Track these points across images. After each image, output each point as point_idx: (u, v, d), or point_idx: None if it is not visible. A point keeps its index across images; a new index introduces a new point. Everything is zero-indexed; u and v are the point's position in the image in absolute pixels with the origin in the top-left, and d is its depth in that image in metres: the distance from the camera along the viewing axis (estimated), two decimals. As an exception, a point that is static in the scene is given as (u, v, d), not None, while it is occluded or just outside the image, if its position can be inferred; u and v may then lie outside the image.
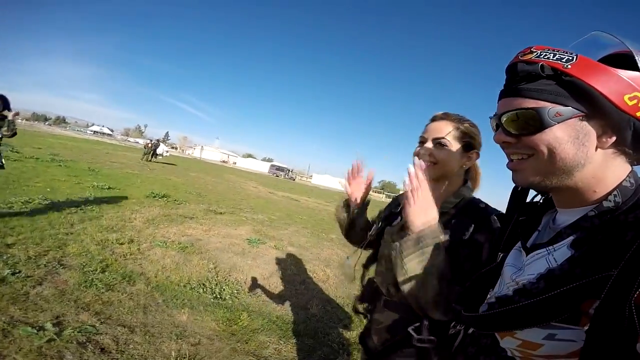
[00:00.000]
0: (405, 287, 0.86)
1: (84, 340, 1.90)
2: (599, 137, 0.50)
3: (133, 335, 2.07)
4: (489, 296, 0.66)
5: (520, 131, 0.53)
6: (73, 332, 1.93)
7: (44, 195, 4.96)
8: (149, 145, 19.55)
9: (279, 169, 47.47)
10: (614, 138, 0.50)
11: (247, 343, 2.30)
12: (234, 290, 3.11)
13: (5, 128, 3.64)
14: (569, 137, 0.50)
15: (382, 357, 1.12)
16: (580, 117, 0.49)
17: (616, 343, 0.38)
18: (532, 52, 0.52)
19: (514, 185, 0.69)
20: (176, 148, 75.39)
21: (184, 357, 1.95)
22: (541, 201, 0.67)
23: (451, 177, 1.05)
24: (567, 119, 0.49)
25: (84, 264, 2.89)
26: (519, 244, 0.64)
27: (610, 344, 0.39)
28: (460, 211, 1.01)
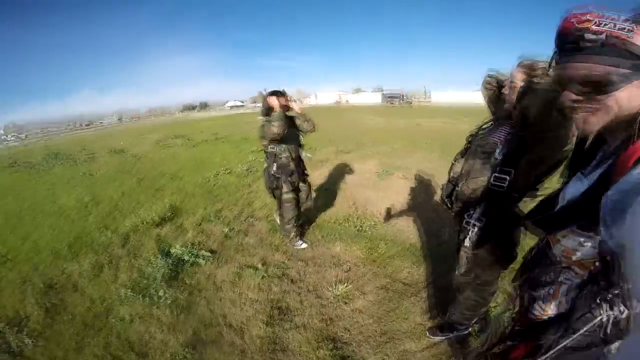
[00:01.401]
0: None
1: (281, 274, 2.70)
2: None
3: (307, 267, 2.81)
4: None
5: (592, 91, 0.62)
6: (274, 269, 2.76)
7: (224, 167, 6.72)
8: None
9: (392, 96, 43.48)
10: None
11: (385, 268, 2.75)
12: (371, 222, 3.62)
13: (306, 123, 2.93)
14: (634, 95, 0.60)
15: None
16: None
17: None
18: (589, 20, 0.59)
19: None
20: (295, 101, 79.85)
21: (341, 281, 2.54)
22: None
23: None
24: (630, 82, 0.59)
25: (267, 215, 3.95)
26: (579, 173, 0.77)
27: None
28: None
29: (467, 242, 1.40)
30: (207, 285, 2.63)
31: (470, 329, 1.95)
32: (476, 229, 1.37)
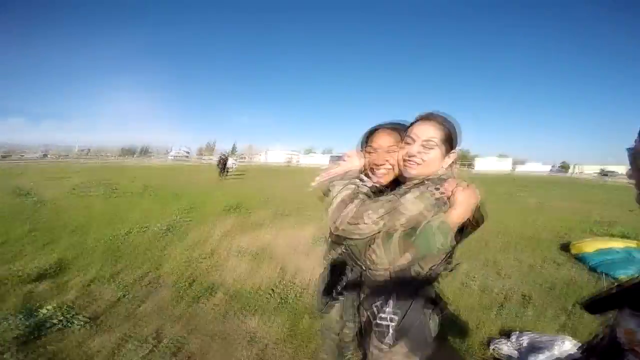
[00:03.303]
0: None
1: (176, 350, 2.28)
2: None
3: (212, 344, 2.40)
4: None
5: None
6: (168, 342, 2.33)
7: (140, 224, 5.93)
8: (221, 161, 20.83)
9: (339, 157, 48.91)
10: None
11: (307, 346, 2.45)
12: (297, 293, 3.31)
13: None
14: None
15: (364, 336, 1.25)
16: None
17: None
18: None
19: None
20: (245, 157, 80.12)
21: (252, 364, 2.19)
22: None
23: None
24: None
25: (176, 281, 3.43)
26: None
27: None
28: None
29: (388, 339, 1.10)
30: (75, 355, 2.15)
31: None
32: (394, 324, 1.10)
